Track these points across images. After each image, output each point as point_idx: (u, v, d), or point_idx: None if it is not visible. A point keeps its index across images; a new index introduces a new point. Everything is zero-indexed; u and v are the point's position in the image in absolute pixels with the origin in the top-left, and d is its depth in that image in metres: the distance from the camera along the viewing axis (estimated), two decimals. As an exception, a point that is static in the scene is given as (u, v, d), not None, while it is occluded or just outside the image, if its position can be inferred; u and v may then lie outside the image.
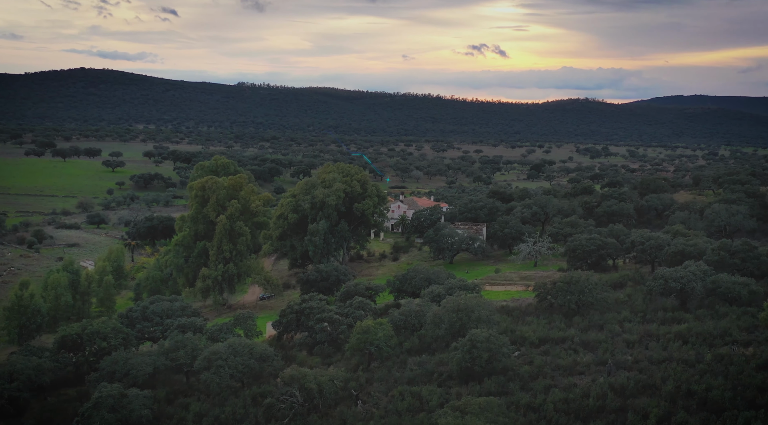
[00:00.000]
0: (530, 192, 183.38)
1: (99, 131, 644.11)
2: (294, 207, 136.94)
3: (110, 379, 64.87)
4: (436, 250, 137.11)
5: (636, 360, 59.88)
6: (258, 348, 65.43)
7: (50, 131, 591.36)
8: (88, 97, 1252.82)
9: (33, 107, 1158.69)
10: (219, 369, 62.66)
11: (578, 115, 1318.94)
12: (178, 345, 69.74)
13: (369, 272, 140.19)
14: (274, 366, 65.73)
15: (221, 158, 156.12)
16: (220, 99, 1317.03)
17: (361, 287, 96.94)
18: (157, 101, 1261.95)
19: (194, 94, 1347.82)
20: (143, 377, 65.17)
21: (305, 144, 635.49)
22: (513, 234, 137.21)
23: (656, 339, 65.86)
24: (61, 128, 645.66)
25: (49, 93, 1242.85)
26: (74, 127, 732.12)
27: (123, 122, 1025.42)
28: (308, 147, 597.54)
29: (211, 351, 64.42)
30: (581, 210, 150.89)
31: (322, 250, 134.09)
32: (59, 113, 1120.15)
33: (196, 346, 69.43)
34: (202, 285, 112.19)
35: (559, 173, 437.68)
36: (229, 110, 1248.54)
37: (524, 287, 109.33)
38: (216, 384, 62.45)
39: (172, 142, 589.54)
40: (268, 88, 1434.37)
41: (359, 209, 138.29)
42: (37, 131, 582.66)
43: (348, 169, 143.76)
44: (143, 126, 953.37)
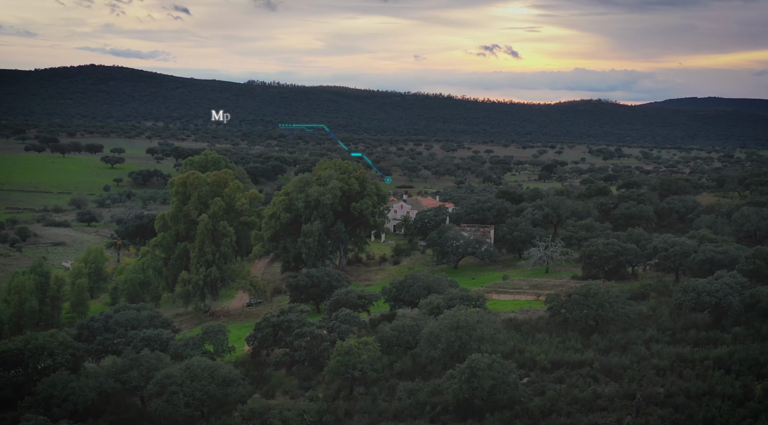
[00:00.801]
0: (542, 193, 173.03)
1: (104, 128, 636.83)
2: (287, 206, 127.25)
3: (46, 405, 55.24)
4: (440, 254, 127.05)
5: (669, 394, 49.76)
6: (221, 370, 55.56)
7: (54, 126, 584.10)
8: (97, 94, 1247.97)
9: (42, 104, 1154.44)
10: (173, 396, 52.94)
11: (591, 116, 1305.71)
12: (131, 364, 60.02)
13: (367, 277, 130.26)
14: (239, 391, 55.86)
15: (212, 152, 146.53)
16: (230, 97, 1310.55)
17: (352, 295, 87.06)
18: (167, 99, 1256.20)
19: (204, 91, 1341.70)
20: (84, 403, 55.39)
21: (313, 143, 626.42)
22: (523, 237, 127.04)
23: (691, 365, 55.69)
24: (65, 124, 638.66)
25: (58, 90, 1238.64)
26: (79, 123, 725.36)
27: (131, 119, 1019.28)
28: (316, 146, 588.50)
29: (164, 375, 54.63)
30: (597, 212, 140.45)
31: (316, 252, 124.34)
32: (67, 110, 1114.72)
33: (153, 366, 59.64)
34: (182, 290, 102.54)
35: (572, 174, 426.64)
36: (238, 109, 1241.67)
37: (534, 297, 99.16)
38: (169, 413, 52.70)
39: (178, 139, 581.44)
40: (278, 86, 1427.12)
41: (357, 209, 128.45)
42: (41, 126, 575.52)
43: (346, 166, 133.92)
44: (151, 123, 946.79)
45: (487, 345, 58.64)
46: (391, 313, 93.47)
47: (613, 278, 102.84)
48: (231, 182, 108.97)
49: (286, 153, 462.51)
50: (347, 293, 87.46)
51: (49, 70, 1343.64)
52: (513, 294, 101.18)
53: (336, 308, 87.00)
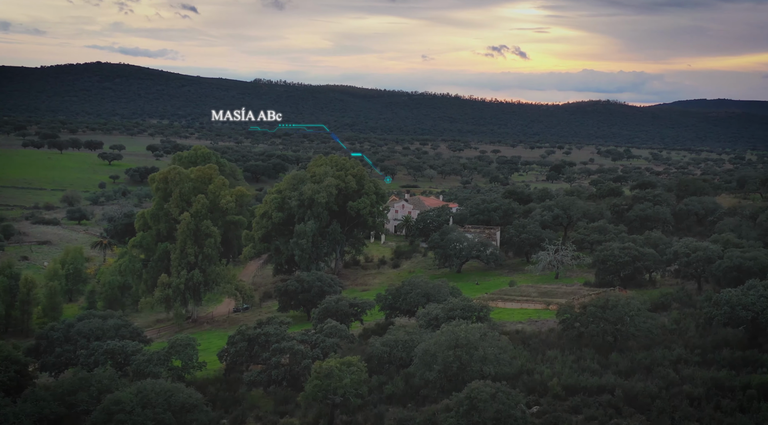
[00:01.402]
0: (551, 193, 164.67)
1: (107, 125, 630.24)
2: (279, 205, 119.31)
3: (-25, 434, 47.27)
4: (442, 257, 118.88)
5: (709, 433, 41.58)
6: (179, 395, 47.52)
7: (56, 123, 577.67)
8: (103, 91, 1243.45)
9: (47, 101, 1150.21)
10: (120, 427, 44.96)
11: (599, 117, 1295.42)
12: (80, 384, 52.12)
13: (364, 281, 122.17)
14: (201, 419, 47.85)
15: (202, 147, 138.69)
16: (236, 95, 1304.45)
17: (344, 304, 79.00)
18: (172, 97, 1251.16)
19: (210, 89, 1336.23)
20: (19, 432, 47.43)
21: (318, 141, 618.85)
22: (531, 240, 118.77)
23: (730, 393, 47.49)
24: (68, 121, 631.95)
25: (64, 87, 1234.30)
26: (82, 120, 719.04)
27: (137, 117, 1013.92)
28: (320, 144, 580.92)
29: (111, 400, 46.58)
30: (610, 214, 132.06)
31: (310, 254, 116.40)
32: (73, 107, 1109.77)
33: (105, 386, 51.73)
34: (161, 295, 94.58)
35: (580, 175, 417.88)
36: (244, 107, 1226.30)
37: (544, 306, 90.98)
38: (115, 447, 44.76)
39: (181, 136, 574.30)
40: (285, 85, 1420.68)
41: (354, 209, 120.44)
42: (43, 123, 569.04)
43: (343, 162, 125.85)
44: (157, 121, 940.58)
45: (491, 367, 50.57)
46: (386, 323, 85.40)
47: (630, 286, 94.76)
48: (216, 178, 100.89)
49: (290, 152, 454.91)
50: (338, 301, 79.42)
51: (55, 68, 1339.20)
52: (520, 302, 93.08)
53: (324, 318, 79.06)
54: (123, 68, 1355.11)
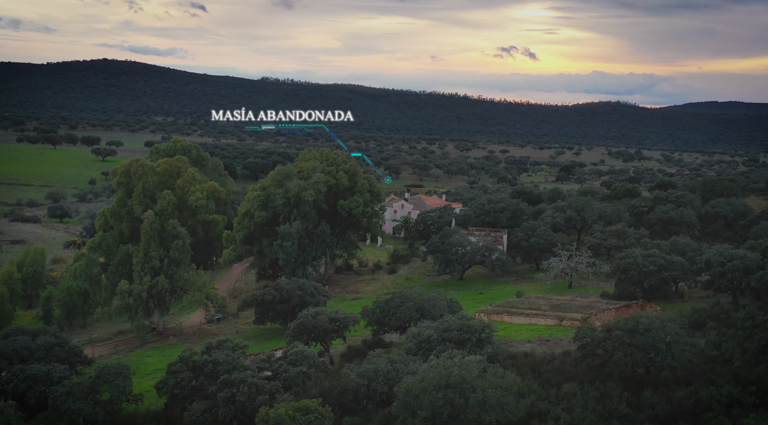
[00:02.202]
0: (563, 193, 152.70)
1: (108, 121, 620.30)
2: (262, 203, 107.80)
3: None
4: (442, 262, 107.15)
5: None
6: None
7: (56, 119, 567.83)
8: (108, 88, 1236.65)
9: (52, 97, 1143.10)
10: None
11: (609, 118, 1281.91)
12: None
13: (356, 288, 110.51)
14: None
15: (182, 139, 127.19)
16: (243, 93, 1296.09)
17: (323, 319, 67.40)
18: (179, 94, 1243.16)
19: (216, 87, 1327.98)
20: None
21: (323, 140, 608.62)
22: (541, 245, 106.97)
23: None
24: (68, 117, 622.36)
25: (70, 84, 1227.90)
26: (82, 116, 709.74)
27: (142, 114, 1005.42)
28: (325, 143, 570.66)
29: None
30: (628, 216, 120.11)
31: (296, 258, 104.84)
32: (78, 104, 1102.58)
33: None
34: (120, 304, 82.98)
35: (591, 176, 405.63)
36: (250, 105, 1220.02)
37: (556, 321, 79.29)
38: None
39: (183, 133, 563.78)
40: (292, 83, 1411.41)
41: (345, 208, 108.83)
42: (43, 118, 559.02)
43: (334, 157, 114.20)
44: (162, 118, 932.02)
45: (492, 414, 38.93)
46: (374, 340, 73.84)
47: (654, 298, 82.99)
48: (185, 172, 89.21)
49: (293, 150, 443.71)
50: (316, 316, 67.76)
51: (61, 64, 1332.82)
52: (529, 317, 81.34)
53: (300, 335, 67.61)
54: (129, 65, 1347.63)
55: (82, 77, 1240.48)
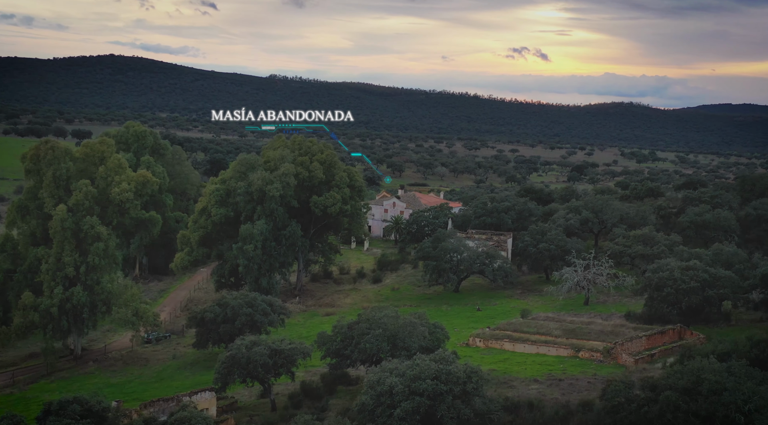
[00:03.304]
0: (577, 192, 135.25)
1: (106, 115, 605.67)
2: (221, 199, 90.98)
3: None
4: (434, 271, 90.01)
5: None
6: None
7: (53, 112, 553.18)
8: (114, 84, 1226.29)
9: (57, 92, 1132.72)
10: None
11: (621, 119, 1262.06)
12: None
13: (332, 301, 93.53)
14: None
15: (137, 124, 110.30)
16: (250, 91, 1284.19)
17: (260, 351, 50.42)
18: (185, 91, 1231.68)
19: (224, 84, 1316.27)
20: None
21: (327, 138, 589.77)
22: (552, 252, 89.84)
23: None
24: (66, 111, 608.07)
25: (76, 79, 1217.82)
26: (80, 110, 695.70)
27: (147, 110, 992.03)
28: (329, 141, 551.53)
29: None
30: (655, 218, 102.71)
31: (260, 264, 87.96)
32: (83, 99, 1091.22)
33: None
34: (22, 322, 66.14)
35: (604, 176, 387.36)
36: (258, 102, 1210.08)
37: (571, 351, 62.40)
38: None
39: (183, 129, 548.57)
40: (300, 81, 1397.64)
41: (319, 205, 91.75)
42: (39, 112, 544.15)
43: (308, 146, 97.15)
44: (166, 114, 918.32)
45: None
46: (333, 376, 57.05)
47: (695, 322, 65.90)
48: (110, 158, 72.16)
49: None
50: (252, 347, 50.86)
51: (67, 59, 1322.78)
52: (537, 345, 64.35)
53: (230, 372, 50.86)
54: (136, 61, 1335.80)
55: (87, 73, 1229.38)
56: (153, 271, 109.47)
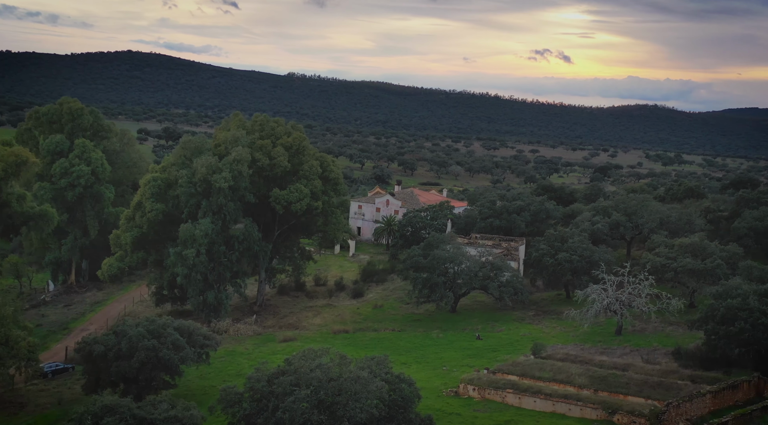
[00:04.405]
0: (604, 191, 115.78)
1: (114, 110, 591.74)
2: (159, 191, 72.57)
3: None
4: (425, 286, 71.04)
5: None
6: None
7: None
8: (131, 80, 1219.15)
9: (73, 88, 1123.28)
10: None
11: (646, 121, 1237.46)
12: None
13: (298, 321, 74.82)
14: None
15: (73, 100, 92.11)
16: (267, 88, 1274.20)
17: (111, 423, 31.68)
18: (201, 87, 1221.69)
19: (241, 82, 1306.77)
20: None
21: (341, 135, 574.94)
22: (575, 264, 70.88)
23: None
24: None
25: (92, 74, 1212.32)
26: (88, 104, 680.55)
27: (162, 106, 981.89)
28: (343, 138, 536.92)
29: None
30: (703, 223, 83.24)
31: (205, 274, 69.55)
32: (98, 95, 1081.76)
33: None
34: None
35: (629, 179, 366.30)
36: (275, 100, 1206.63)
37: (601, 413, 43.71)
38: None
39: (192, 124, 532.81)
40: (319, 79, 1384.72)
41: (281, 201, 73.05)
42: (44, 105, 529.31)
43: (272, 126, 78.45)
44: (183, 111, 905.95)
45: None
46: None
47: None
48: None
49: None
50: (102, 415, 32.27)
51: (85, 55, 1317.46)
52: (553, 399, 45.62)
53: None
54: (154, 58, 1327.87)
55: (104, 68, 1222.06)
56: (94, 278, 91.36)
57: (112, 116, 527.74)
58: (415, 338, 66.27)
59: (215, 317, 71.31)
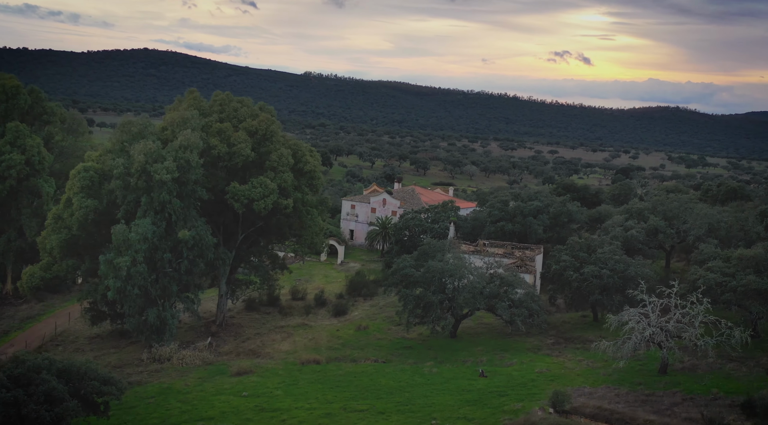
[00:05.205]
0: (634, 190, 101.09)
1: (121, 106, 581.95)
2: (91, 184, 58.87)
3: None
4: (417, 306, 56.90)
5: None
6: None
7: (68, 102, 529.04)
8: (146, 78, 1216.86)
9: (88, 85, 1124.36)
10: None
11: (667, 123, 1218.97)
12: None
13: (258, 347, 60.80)
14: None
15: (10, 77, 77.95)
16: (284, 87, 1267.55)
17: None
18: (217, 86, 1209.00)
19: (257, 80, 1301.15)
20: None
21: (354, 133, 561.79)
22: (606, 280, 56.58)
23: None
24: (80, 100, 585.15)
25: (108, 72, 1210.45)
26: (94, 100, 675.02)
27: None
28: (356, 136, 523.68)
29: None
30: (761, 230, 68.53)
31: (145, 287, 55.84)
32: (113, 92, 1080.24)
33: None
34: None
35: (653, 181, 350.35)
36: (291, 99, 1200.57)
37: None
38: None
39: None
40: (335, 79, 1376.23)
41: (240, 198, 59.03)
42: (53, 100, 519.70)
43: (235, 107, 64.50)
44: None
45: None
46: None
47: None
48: None
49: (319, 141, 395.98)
50: None
51: (101, 53, 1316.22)
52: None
53: None
54: (170, 56, 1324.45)
55: (120, 66, 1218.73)
56: (36, 287, 77.69)
57: (119, 114, 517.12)
58: (401, 373, 52.18)
59: (157, 341, 57.56)
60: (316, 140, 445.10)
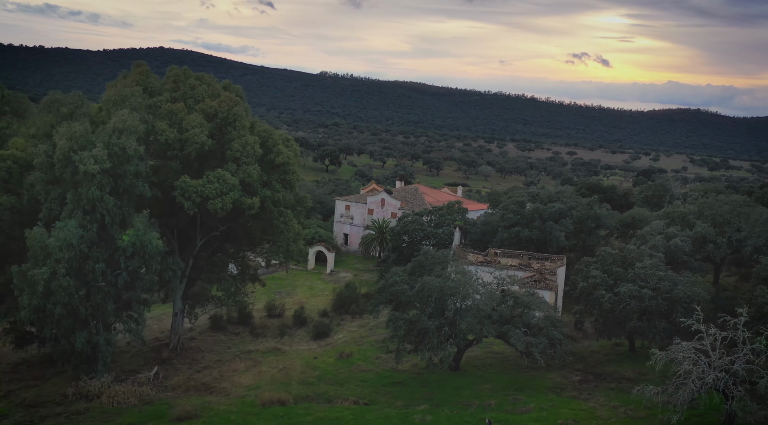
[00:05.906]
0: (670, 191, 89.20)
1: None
2: (9, 178, 47.83)
3: None
4: (409, 332, 45.26)
5: None
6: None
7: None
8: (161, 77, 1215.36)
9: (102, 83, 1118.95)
10: None
11: (688, 126, 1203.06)
12: None
13: (214, 379, 49.31)
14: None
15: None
16: (299, 87, 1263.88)
17: None
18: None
19: (273, 80, 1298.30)
20: None
21: (368, 133, 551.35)
22: (647, 302, 44.74)
23: None
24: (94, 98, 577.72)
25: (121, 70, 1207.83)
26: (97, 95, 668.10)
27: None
28: (370, 136, 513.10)
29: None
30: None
31: (73, 304, 44.62)
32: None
33: None
34: None
35: (675, 183, 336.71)
36: (306, 98, 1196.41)
37: None
38: None
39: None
40: (351, 79, 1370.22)
41: (192, 195, 47.70)
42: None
43: (192, 85, 53.48)
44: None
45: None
46: None
47: None
48: None
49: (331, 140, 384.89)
50: None
51: (117, 51, 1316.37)
52: None
53: None
54: (186, 55, 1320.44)
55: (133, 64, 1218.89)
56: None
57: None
58: (385, 422, 40.53)
59: (87, 372, 46.35)
60: (328, 138, 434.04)
